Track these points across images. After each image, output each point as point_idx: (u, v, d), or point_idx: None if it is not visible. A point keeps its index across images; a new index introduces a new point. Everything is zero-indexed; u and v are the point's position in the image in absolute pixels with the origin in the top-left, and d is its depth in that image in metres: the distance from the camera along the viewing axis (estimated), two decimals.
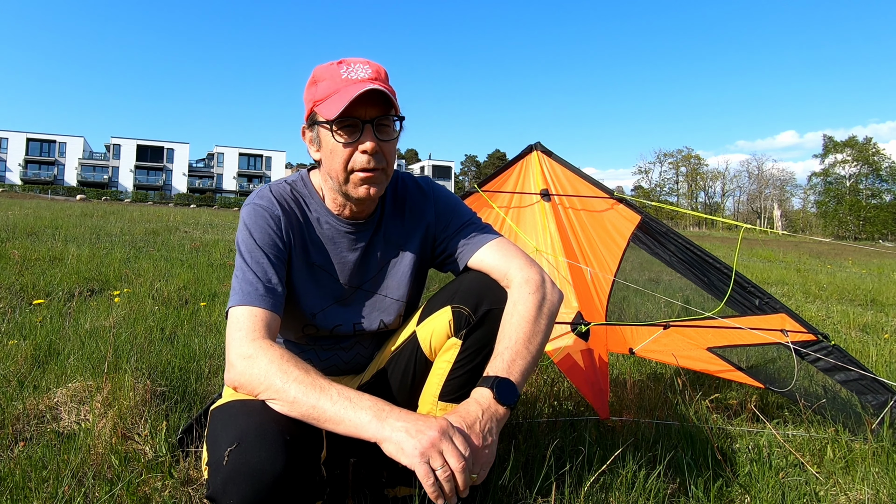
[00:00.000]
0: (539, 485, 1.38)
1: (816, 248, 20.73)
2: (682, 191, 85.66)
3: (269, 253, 1.14)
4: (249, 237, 1.15)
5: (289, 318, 1.26)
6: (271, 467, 0.86)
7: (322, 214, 1.25)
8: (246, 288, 1.08)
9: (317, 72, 1.17)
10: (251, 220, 1.17)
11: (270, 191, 1.23)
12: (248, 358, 0.99)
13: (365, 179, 1.15)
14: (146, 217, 13.82)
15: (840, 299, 6.30)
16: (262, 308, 1.07)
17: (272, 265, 1.13)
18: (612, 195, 2.23)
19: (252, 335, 1.03)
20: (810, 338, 1.92)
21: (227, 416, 0.97)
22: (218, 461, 0.89)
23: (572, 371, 1.91)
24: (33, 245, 5.95)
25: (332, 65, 1.15)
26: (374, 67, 1.15)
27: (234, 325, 1.05)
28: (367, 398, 0.93)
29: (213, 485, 0.89)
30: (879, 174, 70.97)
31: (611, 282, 2.21)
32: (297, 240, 1.22)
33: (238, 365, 1.00)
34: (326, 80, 1.14)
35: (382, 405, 0.92)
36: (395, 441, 0.88)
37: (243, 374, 0.99)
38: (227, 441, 0.90)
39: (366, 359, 1.37)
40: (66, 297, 3.46)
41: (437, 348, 1.21)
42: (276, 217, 1.18)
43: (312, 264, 1.24)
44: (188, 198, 63.39)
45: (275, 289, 1.11)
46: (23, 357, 2.13)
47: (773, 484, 1.47)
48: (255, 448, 0.88)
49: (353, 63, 1.14)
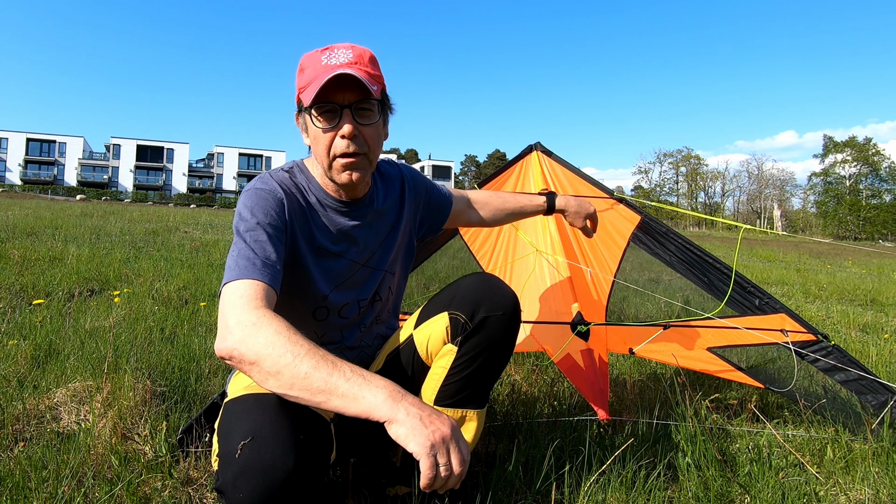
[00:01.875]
0: (539, 485, 1.38)
1: (816, 248, 20.73)
2: (682, 191, 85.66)
3: (271, 232, 1.10)
4: (250, 216, 1.10)
5: (298, 305, 1.24)
6: (283, 464, 0.85)
7: (321, 197, 1.25)
8: (243, 263, 1.03)
9: (303, 59, 1.18)
10: (252, 202, 1.13)
11: (271, 177, 1.21)
12: (253, 325, 0.91)
13: (346, 165, 1.15)
14: (146, 217, 13.81)
15: (840, 299, 6.30)
16: (262, 281, 1.01)
17: (272, 243, 1.08)
18: (612, 195, 2.23)
19: (254, 303, 0.96)
20: (810, 338, 1.92)
21: (242, 409, 0.96)
22: (230, 454, 0.88)
23: (572, 371, 1.90)
24: (33, 245, 5.94)
25: (317, 52, 1.16)
26: (357, 52, 1.15)
27: (232, 294, 0.98)
28: (381, 378, 0.89)
29: (223, 477, 0.87)
30: (879, 174, 70.96)
31: (611, 282, 2.21)
32: (301, 224, 1.20)
33: (238, 332, 0.91)
34: (309, 67, 1.15)
35: (397, 387, 0.88)
36: (407, 425, 0.84)
37: (244, 343, 0.90)
38: (241, 434, 0.89)
39: (369, 358, 1.37)
40: (66, 297, 3.46)
41: (433, 353, 1.22)
42: (278, 200, 1.16)
43: (318, 247, 1.24)
44: (188, 198, 63.34)
45: (274, 265, 1.06)
46: (23, 357, 2.13)
47: (773, 484, 1.47)
48: (269, 444, 0.87)
49: (336, 49, 1.15)
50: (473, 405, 1.20)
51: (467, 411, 1.20)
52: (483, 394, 1.21)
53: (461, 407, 1.19)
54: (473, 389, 1.19)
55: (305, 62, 1.17)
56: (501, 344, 1.18)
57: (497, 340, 1.17)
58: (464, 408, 1.20)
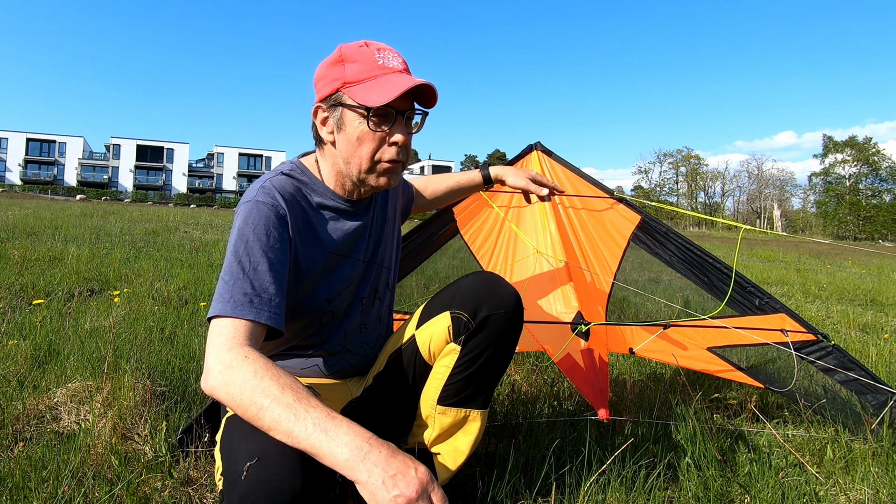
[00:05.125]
0: (539, 485, 1.38)
1: (816, 247, 20.73)
2: (682, 191, 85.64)
3: (272, 256, 1.06)
4: (252, 237, 1.06)
5: (304, 312, 1.23)
6: (290, 487, 0.84)
7: (325, 198, 1.22)
8: (237, 296, 1.00)
9: (346, 51, 1.12)
10: (254, 220, 1.07)
11: (273, 186, 1.13)
12: (228, 368, 0.91)
13: (388, 170, 1.15)
14: (146, 217, 13.81)
15: (840, 299, 6.30)
16: (249, 320, 0.99)
17: (272, 272, 1.04)
18: (612, 195, 2.23)
19: (234, 342, 0.95)
20: (810, 338, 1.92)
21: (246, 426, 0.93)
22: (236, 475, 0.86)
23: (572, 371, 1.90)
24: (33, 245, 5.94)
25: (363, 47, 1.12)
26: (401, 58, 1.15)
27: (215, 332, 0.98)
28: (346, 430, 0.84)
29: (229, 498, 0.86)
30: (879, 174, 70.96)
31: (611, 282, 2.21)
32: (305, 235, 1.18)
33: (215, 372, 0.92)
34: (359, 63, 1.10)
35: (361, 441, 0.84)
36: (369, 489, 0.81)
37: (219, 387, 0.91)
38: (246, 455, 0.87)
39: (371, 359, 1.37)
40: (66, 297, 3.46)
41: (436, 353, 1.21)
42: (281, 217, 1.10)
43: (329, 252, 1.22)
44: (188, 198, 63.30)
45: (271, 299, 1.02)
46: (23, 357, 2.13)
47: (773, 484, 1.47)
48: (276, 465, 0.85)
49: (384, 50, 1.12)
50: (476, 405, 1.20)
51: (470, 411, 1.20)
52: (486, 393, 1.21)
53: (464, 406, 1.19)
54: (476, 389, 1.19)
55: (351, 55, 1.11)
56: (504, 342, 1.18)
57: (500, 339, 1.17)
58: (467, 407, 1.20)
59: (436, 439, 1.23)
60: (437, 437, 1.23)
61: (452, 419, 1.20)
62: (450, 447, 1.23)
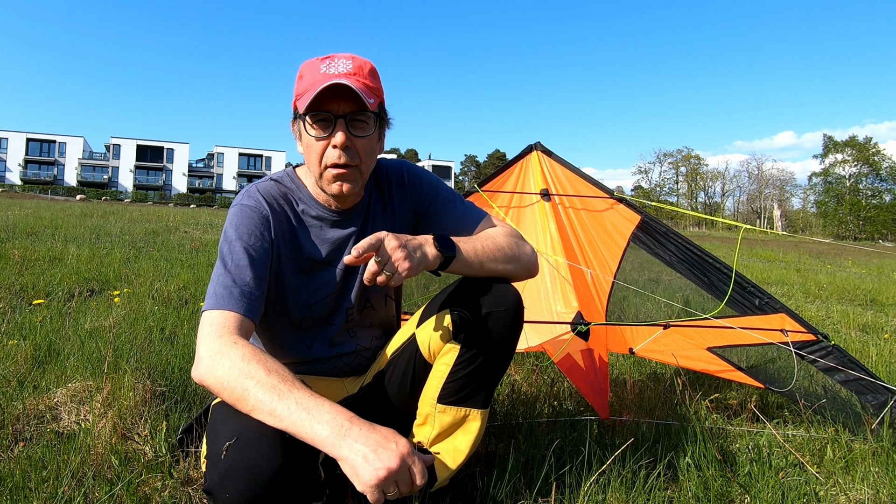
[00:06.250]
0: (539, 485, 1.38)
1: (816, 248, 20.73)
2: (682, 191, 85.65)
3: (253, 254, 1.12)
4: (234, 237, 1.13)
5: (287, 316, 1.25)
6: (269, 464, 0.86)
7: (310, 207, 1.25)
8: (220, 291, 1.06)
9: (302, 66, 1.18)
10: (237, 221, 1.15)
11: (258, 190, 1.21)
12: (217, 355, 0.96)
13: (337, 176, 1.15)
14: (146, 217, 13.82)
15: (840, 299, 6.30)
16: (236, 312, 1.04)
17: (253, 268, 1.10)
18: (612, 195, 2.23)
19: (223, 332, 1.00)
20: (810, 338, 1.92)
21: (229, 411, 0.97)
22: (216, 455, 0.89)
23: (572, 371, 1.91)
24: (33, 245, 5.94)
25: (317, 60, 1.16)
26: (357, 63, 1.15)
27: (205, 323, 1.03)
28: (328, 409, 0.87)
29: (211, 478, 0.89)
30: (879, 174, 70.95)
31: (611, 282, 2.21)
32: (287, 237, 1.21)
33: (205, 360, 0.97)
34: (307, 75, 1.15)
35: (343, 419, 0.86)
36: (351, 463, 0.84)
37: (208, 373, 0.95)
38: (227, 436, 0.90)
39: (367, 361, 1.37)
40: (66, 297, 3.46)
41: (436, 351, 1.21)
42: (263, 218, 1.17)
43: (305, 258, 1.24)
44: (188, 198, 63.33)
45: (252, 293, 1.08)
46: (23, 357, 2.13)
47: (773, 484, 1.47)
48: (254, 445, 0.88)
49: (337, 58, 1.15)
50: (477, 404, 1.20)
51: (470, 410, 1.20)
52: (487, 392, 1.21)
53: (464, 405, 1.19)
54: (476, 387, 1.19)
55: (304, 69, 1.16)
56: (505, 341, 1.18)
57: (500, 337, 1.17)
58: (467, 406, 1.20)
59: (436, 438, 1.23)
60: (436, 437, 1.23)
61: (452, 418, 1.20)
62: (449, 446, 1.23)
